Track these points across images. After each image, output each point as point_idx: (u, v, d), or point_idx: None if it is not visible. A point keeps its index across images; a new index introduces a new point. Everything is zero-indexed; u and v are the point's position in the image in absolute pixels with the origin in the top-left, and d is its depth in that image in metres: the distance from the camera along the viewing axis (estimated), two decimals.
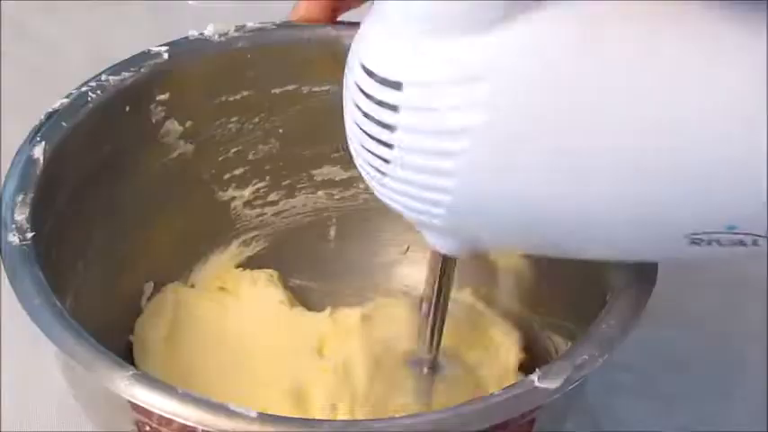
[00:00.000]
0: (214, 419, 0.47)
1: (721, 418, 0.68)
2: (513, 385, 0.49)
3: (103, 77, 0.63)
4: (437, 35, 0.42)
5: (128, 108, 0.64)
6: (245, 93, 0.68)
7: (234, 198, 0.71)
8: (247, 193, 0.72)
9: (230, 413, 0.47)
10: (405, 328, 0.65)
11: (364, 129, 0.45)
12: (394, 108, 0.43)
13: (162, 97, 0.65)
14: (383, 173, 0.45)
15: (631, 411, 0.69)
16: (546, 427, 0.52)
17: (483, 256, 0.69)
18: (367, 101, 0.44)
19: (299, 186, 0.72)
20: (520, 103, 0.42)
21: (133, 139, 0.65)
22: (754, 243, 0.45)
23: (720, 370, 0.71)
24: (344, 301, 0.72)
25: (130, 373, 0.48)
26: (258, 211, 0.73)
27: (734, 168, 0.43)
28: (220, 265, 0.72)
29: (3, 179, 0.57)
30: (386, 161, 0.45)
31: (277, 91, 0.68)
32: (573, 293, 0.62)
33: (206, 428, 0.47)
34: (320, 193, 0.73)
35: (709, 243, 0.45)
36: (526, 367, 0.66)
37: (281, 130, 0.70)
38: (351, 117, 0.46)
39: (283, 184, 0.72)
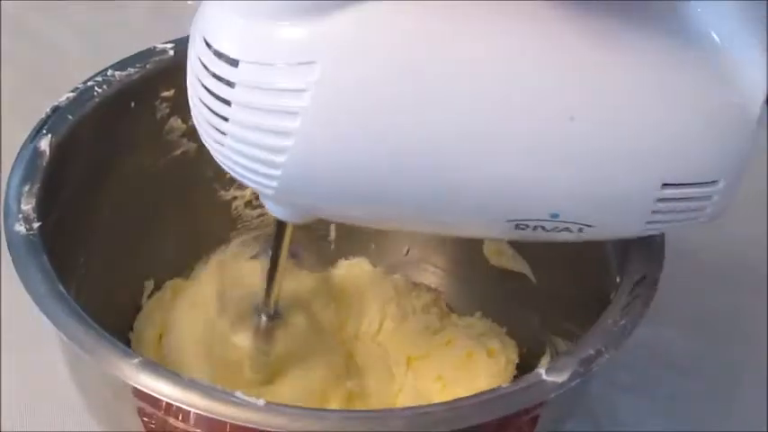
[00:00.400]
0: (222, 408, 0.47)
1: (721, 419, 0.69)
2: (520, 379, 0.49)
3: (109, 72, 0.63)
4: (274, 17, 0.44)
5: (133, 104, 0.64)
6: None
7: (235, 198, 0.72)
8: (248, 192, 0.72)
9: (238, 402, 0.47)
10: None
11: (204, 100, 0.46)
12: (230, 84, 0.45)
13: (167, 94, 0.65)
14: (220, 143, 0.47)
15: (631, 411, 0.69)
16: (548, 427, 0.52)
17: (483, 260, 0.70)
18: (206, 74, 0.46)
19: None
20: (347, 86, 0.44)
21: (138, 135, 0.65)
22: (580, 231, 0.48)
23: (720, 370, 0.71)
24: None
25: (137, 360, 0.48)
26: (259, 210, 0.73)
27: (551, 159, 0.45)
28: (221, 264, 0.71)
29: (3, 176, 0.57)
30: (222, 133, 0.46)
31: None
32: (573, 293, 0.62)
33: (213, 417, 0.47)
34: None
35: (534, 228, 0.48)
36: (525, 367, 0.66)
37: None
38: (192, 87, 0.47)
39: None
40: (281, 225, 0.56)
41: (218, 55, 0.45)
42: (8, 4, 0.98)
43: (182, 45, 0.65)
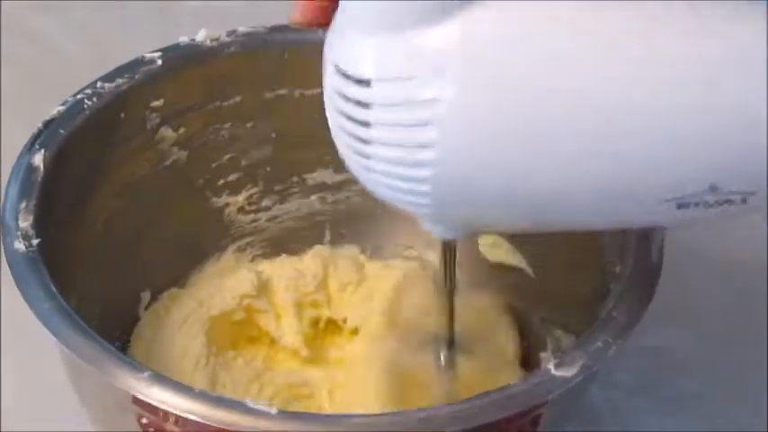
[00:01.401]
0: (233, 417, 0.47)
1: (722, 419, 0.69)
2: (529, 375, 0.50)
3: (98, 84, 0.63)
4: (397, 30, 0.43)
5: (123, 115, 0.64)
6: (238, 98, 0.68)
7: (228, 204, 0.71)
8: (241, 198, 0.72)
9: (249, 411, 0.47)
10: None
11: (344, 128, 0.46)
12: (366, 105, 0.44)
13: (156, 104, 0.65)
14: (367, 169, 0.46)
15: (632, 411, 0.69)
16: (550, 425, 0.52)
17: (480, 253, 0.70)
18: (341, 99, 0.45)
19: (292, 191, 0.73)
20: (482, 90, 0.43)
21: (129, 146, 0.65)
22: (743, 201, 0.46)
23: (720, 370, 0.71)
24: None
25: (146, 374, 0.48)
26: (252, 216, 0.72)
27: (708, 128, 0.44)
28: (216, 271, 0.71)
29: (2, 179, 0.57)
30: (367, 157, 0.46)
31: (269, 95, 0.68)
32: (572, 286, 0.62)
33: (224, 427, 0.47)
34: (313, 197, 0.73)
35: (697, 205, 0.46)
36: (523, 361, 0.67)
37: (273, 135, 0.70)
38: (332, 117, 0.47)
39: (276, 189, 0.72)
40: (446, 246, 0.55)
41: (349, 77, 0.44)
42: (8, 4, 0.97)
43: (169, 53, 0.65)
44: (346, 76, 0.45)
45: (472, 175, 0.45)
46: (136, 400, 0.49)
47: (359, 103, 0.44)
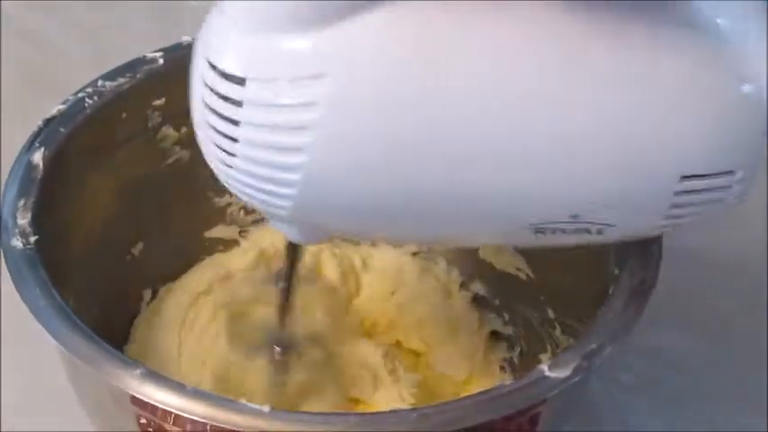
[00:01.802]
0: (225, 415, 0.47)
1: (721, 418, 0.68)
2: (523, 375, 0.49)
3: (100, 83, 0.63)
4: (279, 31, 0.43)
5: (124, 114, 0.64)
6: None
7: (230, 204, 0.71)
8: None
9: (242, 409, 0.47)
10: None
11: (210, 122, 0.45)
12: (238, 103, 0.44)
13: (158, 102, 0.65)
14: (228, 165, 0.46)
15: (632, 411, 0.69)
16: (549, 424, 0.52)
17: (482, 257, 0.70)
18: (211, 95, 0.44)
19: None
20: (360, 97, 0.43)
21: (130, 145, 0.65)
22: (599, 232, 0.47)
23: (720, 370, 0.71)
24: None
25: (139, 371, 0.48)
26: (253, 216, 0.73)
27: (572, 158, 0.45)
28: (217, 269, 0.71)
29: (2, 177, 0.57)
30: (231, 154, 0.45)
31: None
32: (572, 288, 0.62)
33: (217, 425, 0.47)
34: None
35: (554, 232, 0.47)
36: (526, 365, 0.67)
37: None
38: (197, 111, 0.46)
39: None
40: (293, 248, 0.55)
41: (223, 74, 0.44)
42: (8, 4, 0.98)
43: (171, 53, 0.65)
44: (220, 73, 0.44)
45: (339, 182, 0.45)
46: (132, 398, 0.49)
47: (230, 101, 0.44)
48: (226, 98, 0.44)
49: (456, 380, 0.68)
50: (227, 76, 0.44)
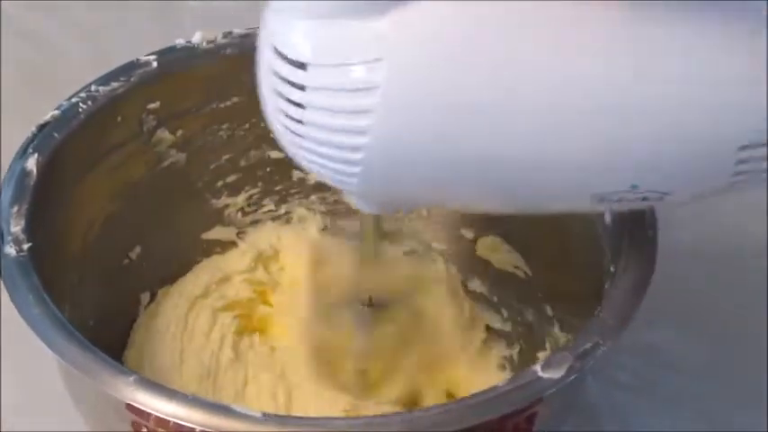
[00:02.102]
0: (218, 421, 0.47)
1: (722, 419, 0.68)
2: (515, 376, 0.49)
3: (93, 88, 0.63)
4: (338, 17, 0.44)
5: (119, 118, 0.64)
6: (235, 99, 0.68)
7: (227, 205, 0.71)
8: (240, 199, 0.72)
9: (235, 414, 0.47)
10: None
11: (278, 105, 0.47)
12: (301, 87, 0.45)
13: (152, 106, 0.65)
14: (298, 146, 0.47)
15: (631, 411, 0.69)
16: (547, 424, 0.52)
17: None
18: (276, 79, 0.46)
19: (291, 192, 0.72)
20: (416, 80, 0.44)
21: (126, 149, 0.65)
22: (660, 199, 0.48)
23: (720, 370, 0.71)
24: None
25: (132, 378, 0.48)
26: (251, 217, 0.73)
27: (629, 130, 0.45)
28: (214, 272, 0.71)
29: (2, 178, 0.57)
30: (299, 135, 0.47)
31: None
32: (570, 286, 0.62)
33: (209, 430, 0.47)
34: (313, 197, 0.73)
35: (617, 201, 0.48)
36: (526, 361, 0.66)
37: (271, 135, 0.69)
38: (266, 92, 0.48)
39: (276, 189, 0.72)
40: (373, 218, 0.58)
41: (286, 59, 0.45)
42: (8, 4, 0.98)
43: (165, 56, 0.65)
44: (283, 57, 0.45)
45: (402, 161, 0.46)
46: (127, 406, 0.49)
47: (294, 85, 0.45)
48: (290, 82, 0.45)
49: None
50: (290, 61, 0.45)
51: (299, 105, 0.45)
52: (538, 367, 0.49)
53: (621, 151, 0.46)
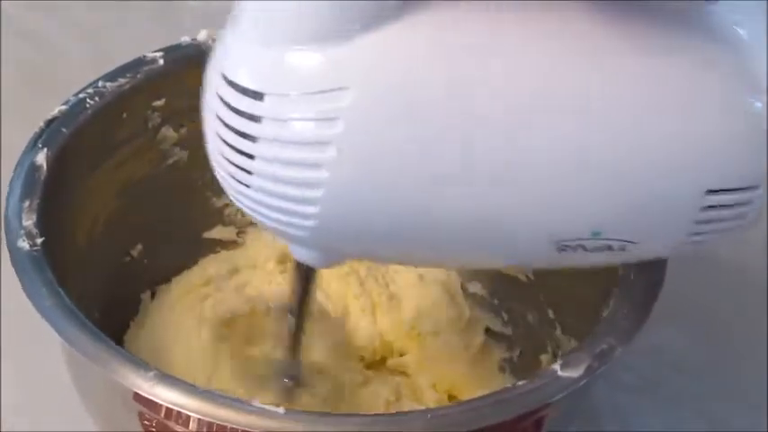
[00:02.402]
0: (239, 417, 0.46)
1: (721, 418, 0.69)
2: (535, 376, 0.49)
3: (100, 84, 0.62)
4: (299, 45, 0.42)
5: (125, 115, 0.63)
6: None
7: (228, 205, 0.71)
8: None
9: (256, 410, 0.47)
10: None
11: (225, 139, 0.43)
12: (256, 119, 0.42)
13: (158, 103, 0.65)
14: (246, 184, 0.44)
15: (632, 411, 0.70)
16: (554, 427, 0.52)
17: None
18: (228, 111, 0.43)
19: None
20: (382, 110, 0.42)
21: (131, 145, 0.65)
22: (622, 249, 0.46)
23: (721, 370, 0.72)
24: None
25: (152, 373, 0.48)
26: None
27: (594, 173, 0.44)
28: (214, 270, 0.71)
29: (2, 177, 0.57)
30: (248, 172, 0.43)
31: None
32: (573, 290, 0.62)
33: (230, 425, 0.47)
34: None
35: (575, 249, 0.46)
36: (527, 364, 0.67)
37: None
38: (211, 127, 0.45)
39: None
40: (308, 272, 0.53)
41: (240, 89, 0.42)
42: (8, 4, 0.98)
43: (171, 53, 0.65)
44: (237, 87, 0.43)
45: (362, 198, 0.43)
46: (139, 398, 0.48)
47: (247, 116, 0.42)
48: (242, 113, 0.42)
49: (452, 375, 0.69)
50: (245, 91, 0.42)
51: (249, 138, 0.42)
52: (557, 366, 0.49)
53: (584, 193, 0.44)
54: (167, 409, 0.48)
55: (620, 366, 0.70)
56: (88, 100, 0.61)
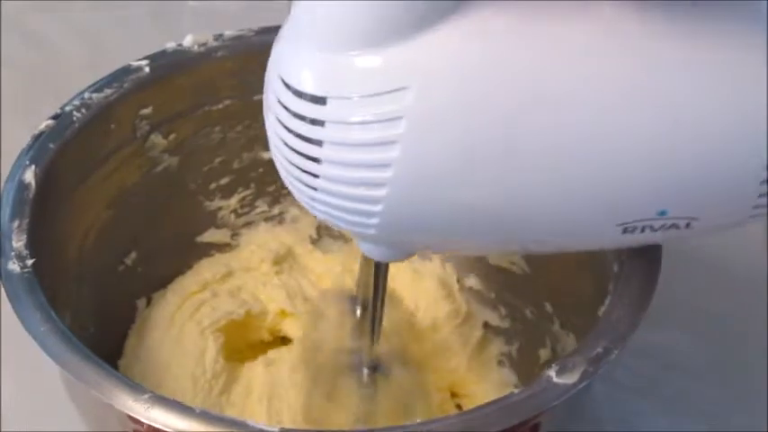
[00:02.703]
0: None
1: (722, 419, 0.69)
2: (531, 383, 0.49)
3: (86, 95, 0.62)
4: (357, 47, 0.42)
5: (113, 125, 0.63)
6: (227, 101, 0.67)
7: (221, 208, 0.71)
8: (233, 201, 0.71)
9: (251, 430, 0.46)
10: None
11: (290, 145, 0.44)
12: (320, 123, 0.43)
13: (145, 111, 0.64)
14: (313, 188, 0.45)
15: (632, 411, 0.69)
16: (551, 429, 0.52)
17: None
18: (291, 117, 0.44)
19: (284, 192, 0.72)
20: (444, 107, 0.43)
21: (120, 155, 0.64)
22: (688, 226, 0.47)
23: (720, 370, 0.71)
24: None
25: (147, 396, 0.48)
26: (244, 219, 0.72)
27: (660, 153, 0.44)
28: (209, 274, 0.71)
29: (2, 177, 0.57)
30: (315, 176, 0.44)
31: (258, 98, 0.67)
32: (570, 284, 0.62)
33: None
34: None
35: (642, 230, 0.46)
36: (526, 358, 0.67)
37: (263, 137, 0.69)
38: (275, 133, 0.45)
39: (269, 190, 0.72)
40: (379, 266, 0.54)
41: (301, 95, 0.43)
42: (8, 4, 0.97)
43: (157, 60, 0.65)
44: (298, 94, 0.43)
45: (426, 194, 0.44)
46: (135, 421, 0.48)
47: (310, 121, 0.43)
48: (305, 118, 0.43)
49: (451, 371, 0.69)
50: (305, 96, 0.43)
51: (315, 142, 0.43)
52: (552, 372, 0.49)
53: (649, 175, 0.44)
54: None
55: (620, 367, 0.70)
56: (75, 113, 0.61)
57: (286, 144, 0.44)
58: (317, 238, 0.74)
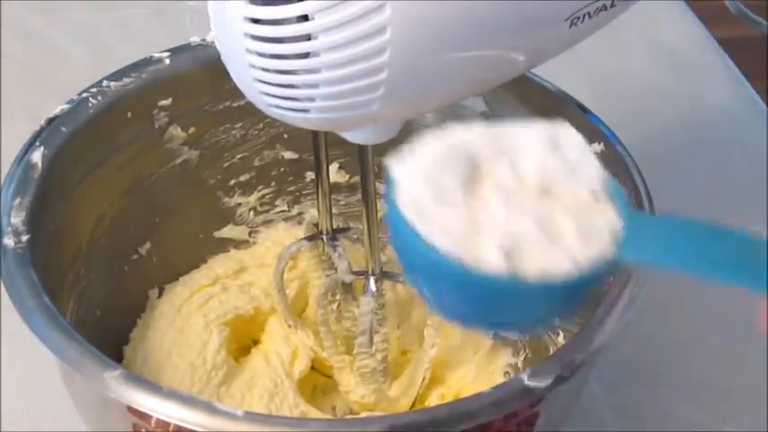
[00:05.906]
0: (199, 418, 0.47)
1: (722, 418, 0.68)
2: (501, 384, 0.49)
3: (105, 83, 0.63)
4: None
5: (129, 114, 0.64)
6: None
7: (240, 204, 0.72)
8: (253, 199, 0.72)
9: (215, 411, 0.47)
10: None
11: (276, 52, 0.46)
12: (304, 18, 0.45)
13: (164, 103, 0.65)
14: (311, 98, 0.47)
15: (632, 411, 0.69)
16: (548, 425, 0.52)
17: None
18: (268, 26, 0.46)
19: (305, 193, 0.72)
20: None
21: (136, 145, 0.65)
22: (612, 5, 0.49)
23: (720, 370, 0.71)
24: None
25: (118, 372, 0.48)
26: (263, 217, 0.73)
27: None
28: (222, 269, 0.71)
29: (3, 179, 0.58)
30: (314, 86, 0.47)
31: None
32: None
33: (191, 427, 0.47)
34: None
35: (582, 19, 0.49)
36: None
37: (285, 136, 0.70)
38: (253, 74, 0.48)
39: (289, 189, 0.72)
40: (363, 150, 0.56)
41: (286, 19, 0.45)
42: (8, 4, 0.98)
43: (178, 53, 0.66)
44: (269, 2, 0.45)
45: (426, 40, 0.46)
46: (134, 413, 0.49)
47: (297, 19, 0.45)
48: (289, 20, 0.45)
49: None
50: (290, 20, 0.45)
51: (305, 38, 0.45)
52: (524, 376, 0.48)
53: None
54: (156, 420, 0.48)
55: (620, 366, 0.69)
56: (91, 99, 0.62)
57: (272, 56, 0.47)
58: None
